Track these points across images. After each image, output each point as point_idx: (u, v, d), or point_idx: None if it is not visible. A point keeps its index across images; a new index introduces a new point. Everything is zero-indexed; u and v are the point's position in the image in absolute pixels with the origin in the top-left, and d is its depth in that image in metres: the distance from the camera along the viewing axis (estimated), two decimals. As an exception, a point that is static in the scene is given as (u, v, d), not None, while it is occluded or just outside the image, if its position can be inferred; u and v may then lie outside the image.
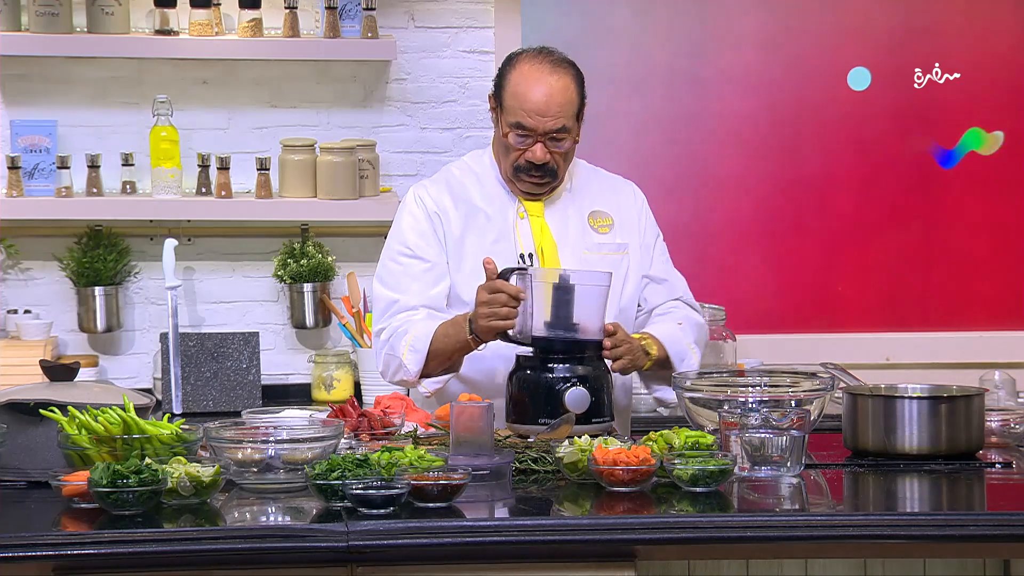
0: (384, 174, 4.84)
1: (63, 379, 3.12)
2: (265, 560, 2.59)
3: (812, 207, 5.06)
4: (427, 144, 4.89)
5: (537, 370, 3.27)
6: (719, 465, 2.84)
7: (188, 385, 4.57)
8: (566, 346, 3.28)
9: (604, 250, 3.58)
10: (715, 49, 5.01)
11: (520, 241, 3.54)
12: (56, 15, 4.56)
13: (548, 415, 3.22)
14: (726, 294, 4.91)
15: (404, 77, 4.86)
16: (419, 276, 3.52)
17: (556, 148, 3.47)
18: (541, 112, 3.43)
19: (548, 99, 3.43)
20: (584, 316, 3.29)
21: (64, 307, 4.75)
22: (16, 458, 2.89)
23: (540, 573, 2.66)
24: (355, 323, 4.72)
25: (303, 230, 4.80)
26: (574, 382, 3.23)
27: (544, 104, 3.43)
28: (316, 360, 4.75)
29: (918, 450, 3.12)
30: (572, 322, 3.29)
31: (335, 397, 4.65)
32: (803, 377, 3.32)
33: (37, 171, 4.63)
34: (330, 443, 2.89)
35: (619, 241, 3.61)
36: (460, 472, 2.75)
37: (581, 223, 3.59)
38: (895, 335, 5.08)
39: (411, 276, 3.52)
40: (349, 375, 4.75)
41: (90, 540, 2.55)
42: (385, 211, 4.72)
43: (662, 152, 5.00)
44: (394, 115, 4.87)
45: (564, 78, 3.47)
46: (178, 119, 4.69)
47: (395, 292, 3.52)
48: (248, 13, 4.64)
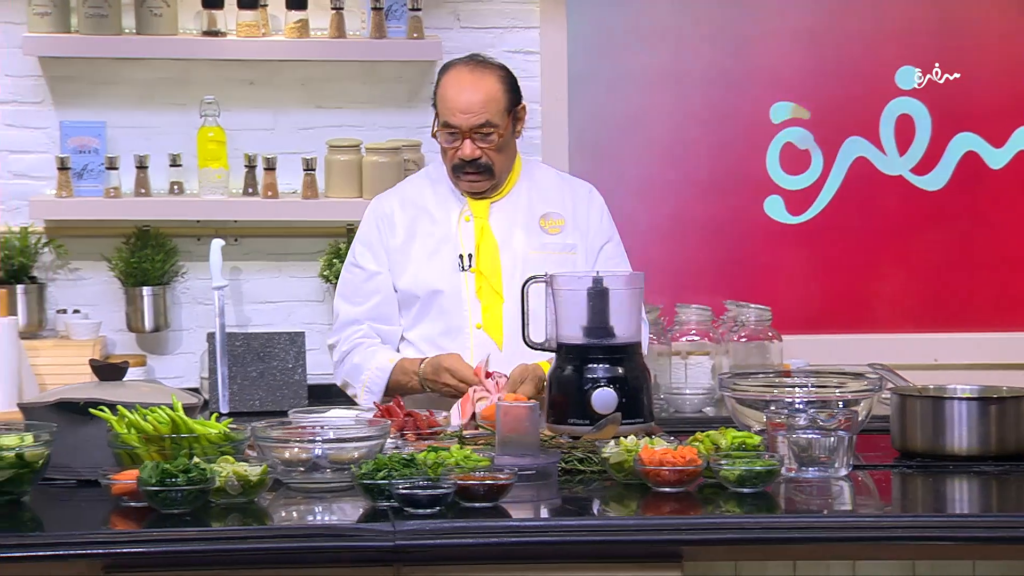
0: (429, 174, 4.84)
1: (112, 378, 3.14)
2: (312, 559, 2.60)
3: (857, 206, 5.03)
4: (472, 144, 4.89)
5: (570, 371, 3.27)
6: (766, 466, 2.83)
7: (235, 385, 4.59)
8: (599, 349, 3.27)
9: (550, 249, 3.74)
10: (757, 47, 4.99)
11: (461, 242, 3.72)
12: (105, 16, 4.59)
13: (579, 416, 3.22)
14: (771, 294, 4.90)
15: (449, 77, 4.86)
16: (360, 286, 3.79)
17: (484, 143, 3.69)
18: (464, 110, 3.66)
19: (469, 98, 3.67)
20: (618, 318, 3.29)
21: (112, 307, 4.78)
22: (66, 457, 2.91)
23: (586, 573, 2.66)
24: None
25: (349, 230, 4.81)
26: (602, 383, 3.22)
27: (466, 102, 3.67)
28: (362, 360, 4.76)
29: (967, 451, 3.10)
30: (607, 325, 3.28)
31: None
32: (850, 378, 3.30)
33: (86, 172, 4.66)
34: (376, 443, 2.90)
35: (568, 242, 3.77)
36: (506, 472, 2.75)
37: (530, 224, 3.75)
38: (942, 335, 5.04)
39: (354, 286, 3.81)
40: (394, 375, 4.76)
41: (139, 539, 2.57)
42: (430, 211, 4.73)
43: (704, 151, 4.99)
44: (439, 115, 4.87)
45: (486, 77, 3.70)
46: (225, 120, 4.72)
47: (343, 301, 3.81)
48: (295, 14, 4.66)
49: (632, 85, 4.97)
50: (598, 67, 4.94)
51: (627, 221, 4.95)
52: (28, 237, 4.69)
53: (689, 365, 4.40)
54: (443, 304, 3.70)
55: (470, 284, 3.70)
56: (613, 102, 4.95)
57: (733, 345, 4.47)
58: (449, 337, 3.68)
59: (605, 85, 4.95)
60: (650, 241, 4.94)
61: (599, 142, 4.96)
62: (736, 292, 4.84)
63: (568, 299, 3.30)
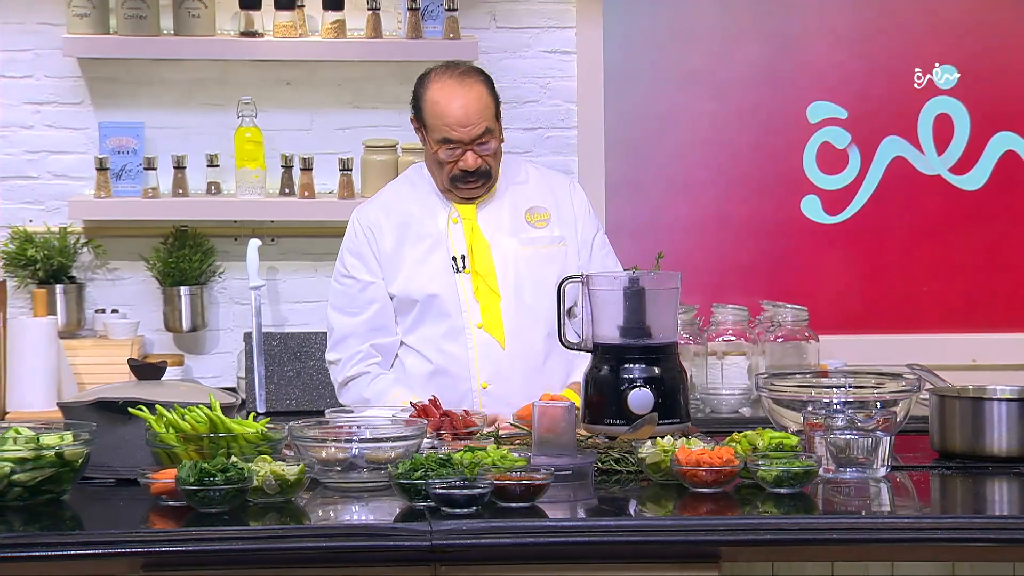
0: (465, 174, 4.85)
1: (151, 378, 3.15)
2: (349, 559, 2.61)
3: (896, 205, 5.01)
4: (508, 144, 4.83)
5: (606, 371, 3.27)
6: (803, 466, 2.82)
7: (271, 384, 4.61)
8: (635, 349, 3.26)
9: (540, 244, 3.73)
10: (796, 47, 4.97)
11: (453, 245, 3.70)
12: (144, 18, 4.62)
13: (615, 416, 3.21)
14: (808, 294, 4.88)
15: (485, 77, 4.86)
16: (355, 296, 3.73)
17: (484, 151, 3.66)
18: (462, 123, 3.63)
19: (466, 110, 3.63)
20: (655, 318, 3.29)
21: (150, 307, 4.81)
22: (105, 456, 2.93)
23: (623, 574, 2.66)
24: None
25: (385, 230, 4.82)
26: (639, 383, 3.22)
27: (464, 115, 3.63)
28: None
29: (1007, 452, 3.08)
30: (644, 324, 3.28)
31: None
32: (888, 378, 3.28)
33: (124, 172, 4.68)
34: (413, 442, 2.90)
35: (556, 234, 3.75)
36: (543, 472, 2.75)
37: (516, 220, 3.74)
38: (980, 336, 5.01)
39: (349, 297, 3.74)
40: (431, 374, 4.76)
41: (178, 537, 2.58)
42: (466, 211, 4.73)
43: (741, 150, 4.97)
44: (475, 115, 4.87)
45: (475, 86, 3.66)
46: (262, 120, 4.73)
47: (338, 314, 3.75)
48: (331, 15, 4.67)
49: (667, 85, 4.96)
50: (634, 67, 4.93)
51: (663, 221, 4.96)
52: (67, 237, 4.71)
53: (725, 365, 4.38)
54: (442, 307, 3.68)
55: (467, 285, 3.70)
56: (649, 102, 4.95)
57: (770, 345, 4.45)
58: (451, 338, 3.68)
59: (641, 85, 4.94)
60: (686, 241, 4.94)
61: (635, 142, 4.95)
62: (773, 292, 4.83)
63: (604, 299, 3.29)
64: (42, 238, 4.69)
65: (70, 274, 4.72)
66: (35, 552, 2.55)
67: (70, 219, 4.73)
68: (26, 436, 2.80)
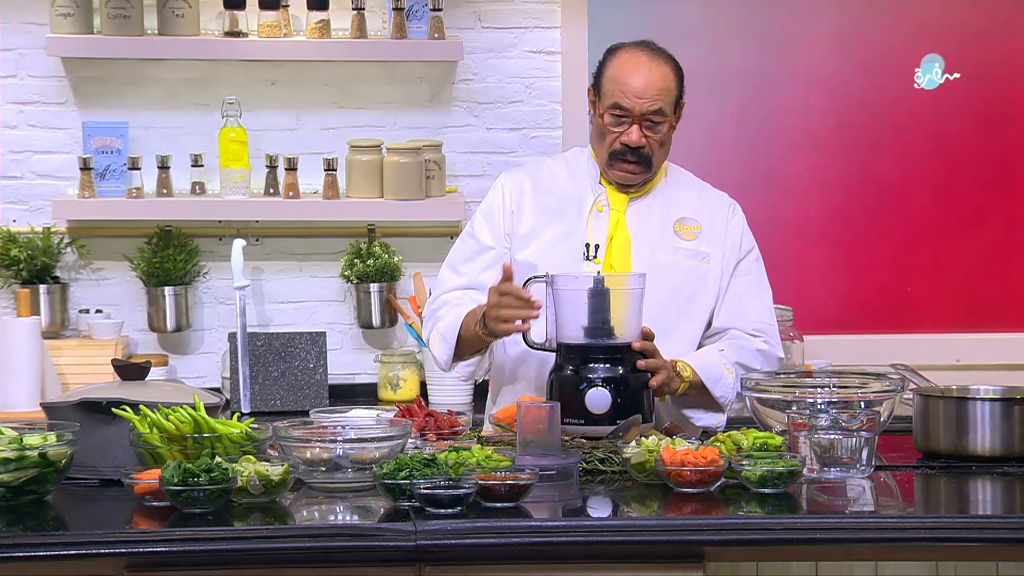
0: (450, 174, 4.85)
1: (135, 378, 3.15)
2: (333, 559, 2.60)
3: (885, 207, 5.02)
4: (493, 145, 4.90)
5: (569, 371, 3.26)
6: (788, 466, 2.82)
7: (256, 384, 4.60)
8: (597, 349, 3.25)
9: (682, 255, 3.55)
10: (786, 48, 4.98)
11: (592, 232, 3.54)
12: (128, 18, 4.61)
13: (574, 415, 3.20)
14: (793, 294, 4.89)
15: (471, 78, 4.87)
16: (471, 257, 3.58)
17: (652, 133, 3.48)
18: (639, 94, 3.45)
19: (647, 82, 3.46)
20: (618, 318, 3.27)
21: (134, 307, 4.80)
22: (89, 456, 2.92)
23: (607, 574, 2.66)
24: (421, 323, 4.73)
25: (370, 230, 4.82)
26: (597, 383, 3.21)
27: (643, 86, 3.45)
28: (382, 360, 4.77)
29: (991, 452, 3.09)
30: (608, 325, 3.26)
31: (401, 397, 4.67)
32: (872, 378, 3.29)
33: (108, 172, 4.68)
34: (397, 443, 2.90)
35: (703, 250, 3.57)
36: (527, 472, 2.75)
37: (665, 226, 3.57)
38: (964, 336, 5.03)
39: (465, 255, 3.59)
40: (415, 375, 4.77)
41: (161, 538, 2.57)
42: (451, 211, 4.74)
43: (733, 151, 4.98)
44: (460, 116, 4.88)
45: (664, 66, 3.51)
46: (247, 120, 4.73)
47: (449, 271, 3.60)
48: (316, 15, 4.67)
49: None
50: (619, 67, 4.93)
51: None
52: (51, 237, 4.71)
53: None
54: None
55: None
56: (634, 102, 4.94)
57: (754, 345, 4.45)
58: None
59: (626, 85, 4.94)
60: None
61: (620, 142, 4.94)
62: (757, 292, 4.83)
63: (568, 299, 3.28)
64: (26, 238, 4.69)
65: (54, 274, 4.72)
66: (18, 553, 2.54)
67: (54, 219, 4.72)
68: (9, 436, 2.79)
